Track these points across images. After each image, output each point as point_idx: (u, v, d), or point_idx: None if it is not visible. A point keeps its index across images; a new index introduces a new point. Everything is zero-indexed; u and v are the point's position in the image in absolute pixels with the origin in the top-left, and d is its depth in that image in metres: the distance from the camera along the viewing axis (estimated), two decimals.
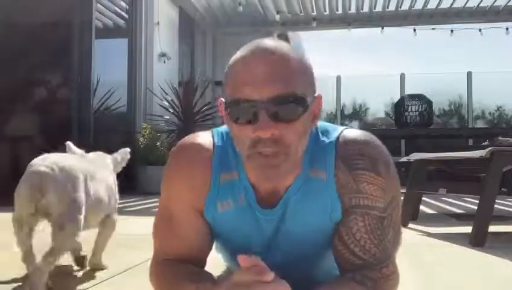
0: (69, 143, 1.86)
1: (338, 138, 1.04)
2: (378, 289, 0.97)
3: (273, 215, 1.04)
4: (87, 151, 1.94)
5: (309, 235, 1.05)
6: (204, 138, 1.11)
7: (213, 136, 1.11)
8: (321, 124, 1.08)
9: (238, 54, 0.96)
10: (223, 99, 0.97)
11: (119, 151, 2.00)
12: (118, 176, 1.94)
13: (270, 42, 0.95)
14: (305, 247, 1.07)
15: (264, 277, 0.80)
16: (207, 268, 1.13)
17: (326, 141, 1.05)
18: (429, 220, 3.60)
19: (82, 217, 1.51)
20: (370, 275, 0.97)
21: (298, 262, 1.08)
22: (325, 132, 1.06)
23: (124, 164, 2.01)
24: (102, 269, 1.82)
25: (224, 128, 1.13)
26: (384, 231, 1.01)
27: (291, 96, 0.90)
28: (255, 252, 1.07)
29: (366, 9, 9.30)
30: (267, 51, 0.92)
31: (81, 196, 1.52)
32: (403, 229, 1.17)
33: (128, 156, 2.02)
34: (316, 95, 0.98)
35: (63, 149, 2.17)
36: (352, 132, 1.06)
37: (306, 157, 1.03)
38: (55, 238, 1.45)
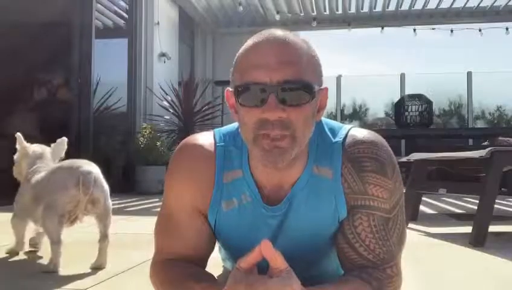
0: (19, 135, 2.18)
1: (345, 137, 1.05)
2: (383, 289, 0.97)
3: (277, 212, 1.04)
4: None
5: (312, 233, 1.05)
6: (206, 138, 1.11)
7: (215, 136, 1.11)
8: (326, 121, 1.09)
9: (250, 42, 0.97)
10: (230, 89, 0.99)
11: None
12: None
13: (280, 31, 0.97)
14: (308, 245, 1.07)
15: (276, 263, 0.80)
16: (207, 268, 1.13)
17: (333, 139, 1.05)
18: (429, 220, 3.59)
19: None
20: (376, 275, 0.97)
21: (302, 260, 1.08)
22: (332, 130, 1.07)
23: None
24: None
25: (225, 128, 1.13)
26: (389, 232, 1.01)
27: (300, 82, 0.92)
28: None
29: (366, 9, 9.30)
30: (279, 39, 0.94)
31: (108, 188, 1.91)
32: None
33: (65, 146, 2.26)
34: (323, 87, 0.99)
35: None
36: (360, 132, 1.06)
37: (312, 152, 1.03)
38: (104, 223, 1.86)
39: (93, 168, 1.85)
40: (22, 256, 2.10)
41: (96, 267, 1.83)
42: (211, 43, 9.94)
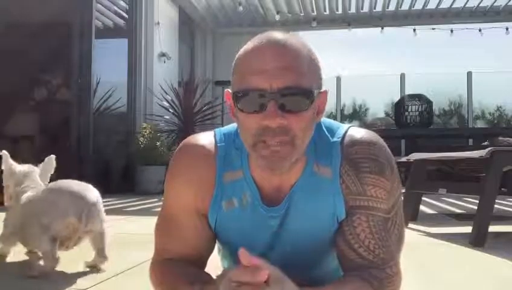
0: (5, 152, 2.09)
1: (344, 137, 1.04)
2: (383, 289, 0.97)
3: (277, 213, 1.04)
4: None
5: (312, 233, 1.05)
6: (206, 138, 1.11)
7: (215, 136, 1.11)
8: (324, 120, 1.09)
9: (249, 45, 0.96)
10: (230, 90, 0.98)
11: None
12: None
13: (280, 35, 0.96)
14: (309, 245, 1.07)
15: (257, 278, 0.76)
16: (207, 269, 1.13)
17: (331, 138, 1.05)
18: (429, 220, 3.59)
19: None
20: (376, 274, 0.97)
21: (302, 261, 1.08)
22: (329, 129, 1.07)
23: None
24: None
25: (226, 128, 1.13)
26: (389, 232, 1.01)
27: (300, 88, 0.91)
28: (258, 251, 1.07)
29: (366, 9, 9.30)
30: (279, 43, 0.93)
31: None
32: None
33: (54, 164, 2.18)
34: (322, 90, 0.99)
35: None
36: (358, 132, 1.06)
37: (311, 152, 1.03)
38: (99, 247, 1.83)
39: (97, 198, 1.81)
40: (21, 257, 2.10)
41: (91, 266, 1.83)
42: (211, 43, 9.93)
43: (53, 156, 2.16)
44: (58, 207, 1.74)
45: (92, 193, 1.82)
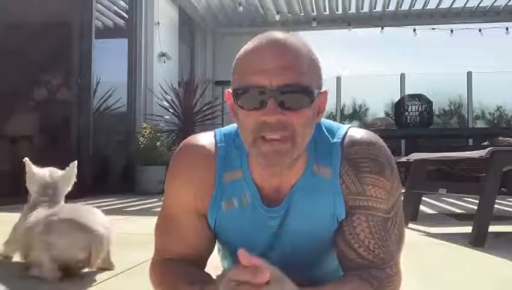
0: (27, 160, 2.02)
1: (344, 137, 1.05)
2: (383, 289, 0.97)
3: (277, 213, 1.04)
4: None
5: (312, 233, 1.05)
6: (207, 138, 1.11)
7: (215, 137, 1.11)
8: (324, 121, 1.09)
9: (249, 45, 0.97)
10: (230, 90, 0.99)
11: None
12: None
13: (280, 34, 0.97)
14: (309, 245, 1.07)
15: (257, 279, 0.76)
16: (207, 269, 1.13)
17: (332, 139, 1.05)
18: (429, 220, 3.59)
19: None
20: (375, 274, 0.97)
21: (302, 261, 1.08)
22: (329, 130, 1.07)
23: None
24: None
25: (226, 128, 1.14)
26: (388, 232, 1.01)
27: (299, 86, 0.92)
28: (258, 251, 1.07)
29: (366, 9, 9.30)
30: (279, 43, 0.94)
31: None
32: None
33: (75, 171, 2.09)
34: (322, 90, 0.99)
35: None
36: (358, 133, 1.06)
37: (312, 152, 1.03)
38: (109, 258, 1.83)
39: (106, 228, 1.77)
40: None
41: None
42: (211, 43, 9.93)
43: (75, 163, 2.06)
44: (66, 238, 1.70)
45: (100, 223, 1.77)
